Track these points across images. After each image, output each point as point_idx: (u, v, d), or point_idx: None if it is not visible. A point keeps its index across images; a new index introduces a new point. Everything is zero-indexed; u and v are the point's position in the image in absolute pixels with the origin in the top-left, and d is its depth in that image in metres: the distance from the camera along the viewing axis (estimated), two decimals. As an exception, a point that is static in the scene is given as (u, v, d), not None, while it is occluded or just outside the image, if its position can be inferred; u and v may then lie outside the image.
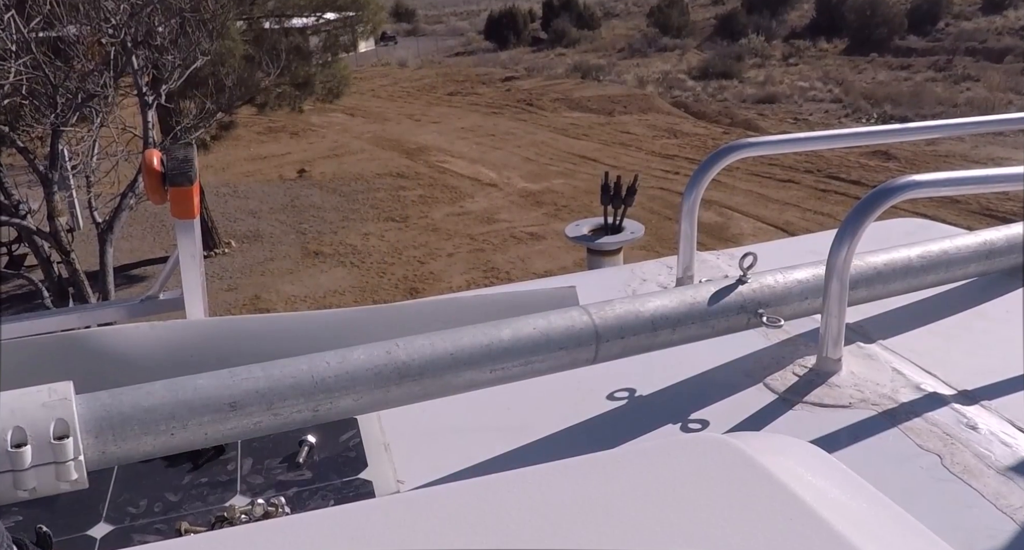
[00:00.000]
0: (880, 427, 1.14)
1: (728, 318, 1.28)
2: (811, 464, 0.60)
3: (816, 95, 22.39)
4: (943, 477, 1.02)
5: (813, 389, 1.23)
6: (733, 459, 0.54)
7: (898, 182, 1.19)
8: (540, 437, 1.17)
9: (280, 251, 12.97)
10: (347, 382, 1.04)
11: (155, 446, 0.98)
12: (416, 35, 48.25)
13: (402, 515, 0.51)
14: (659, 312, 1.23)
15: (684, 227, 1.52)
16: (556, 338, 1.15)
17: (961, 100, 20.25)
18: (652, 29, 35.16)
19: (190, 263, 2.02)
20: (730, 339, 1.32)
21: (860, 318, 1.43)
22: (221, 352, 1.15)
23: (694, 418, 1.19)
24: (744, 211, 13.37)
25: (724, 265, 1.70)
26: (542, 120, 21.64)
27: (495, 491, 0.53)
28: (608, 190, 2.53)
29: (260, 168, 18.11)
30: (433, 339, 1.11)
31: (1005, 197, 11.11)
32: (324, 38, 13.54)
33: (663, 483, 0.51)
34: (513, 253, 12.53)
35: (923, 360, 1.30)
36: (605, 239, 2.48)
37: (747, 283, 1.30)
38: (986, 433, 1.10)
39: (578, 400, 1.25)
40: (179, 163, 1.85)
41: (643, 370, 1.30)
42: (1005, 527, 0.93)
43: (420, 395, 1.10)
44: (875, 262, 1.37)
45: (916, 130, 1.72)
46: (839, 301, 1.20)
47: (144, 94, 7.08)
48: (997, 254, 1.46)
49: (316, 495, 1.09)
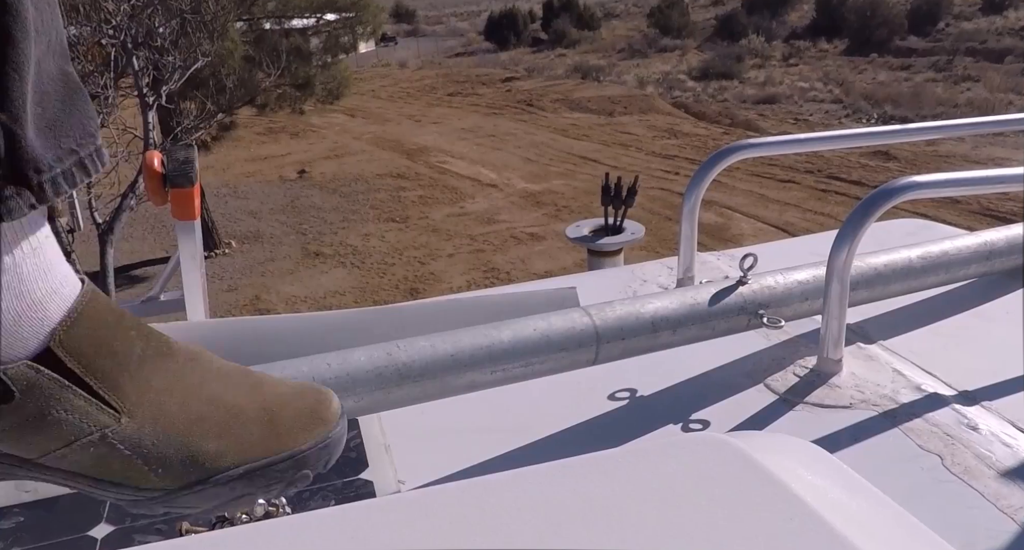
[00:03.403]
0: (881, 428, 1.14)
1: (729, 319, 1.28)
2: (812, 464, 0.60)
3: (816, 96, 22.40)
4: (944, 478, 1.03)
5: (814, 390, 1.23)
6: (734, 458, 0.54)
7: (899, 183, 1.19)
8: (541, 437, 1.17)
9: (280, 252, 12.97)
10: (348, 383, 1.05)
11: (156, 447, 0.98)
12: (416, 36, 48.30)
13: (402, 515, 0.51)
14: (660, 313, 1.23)
15: (684, 228, 1.52)
16: (557, 339, 1.15)
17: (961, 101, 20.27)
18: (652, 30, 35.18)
19: (191, 264, 2.02)
20: (730, 340, 1.32)
21: (861, 319, 1.43)
22: (222, 353, 1.14)
23: (695, 418, 1.19)
24: (744, 212, 13.37)
25: (725, 266, 1.70)
26: (542, 121, 21.65)
27: (495, 491, 0.53)
28: (608, 191, 2.54)
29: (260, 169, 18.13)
30: (434, 340, 1.11)
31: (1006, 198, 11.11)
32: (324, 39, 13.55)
33: (664, 482, 0.52)
34: (513, 254, 12.54)
35: (924, 361, 1.30)
36: (605, 240, 2.49)
37: (747, 284, 1.30)
38: (987, 434, 1.10)
39: (579, 401, 1.25)
40: (180, 164, 1.85)
41: (644, 371, 1.30)
42: (1006, 527, 0.93)
43: (421, 396, 1.11)
44: (875, 263, 1.37)
45: (916, 131, 1.72)
46: (839, 302, 1.20)
47: (144, 95, 7.09)
48: (998, 255, 1.47)
49: (317, 495, 1.09)
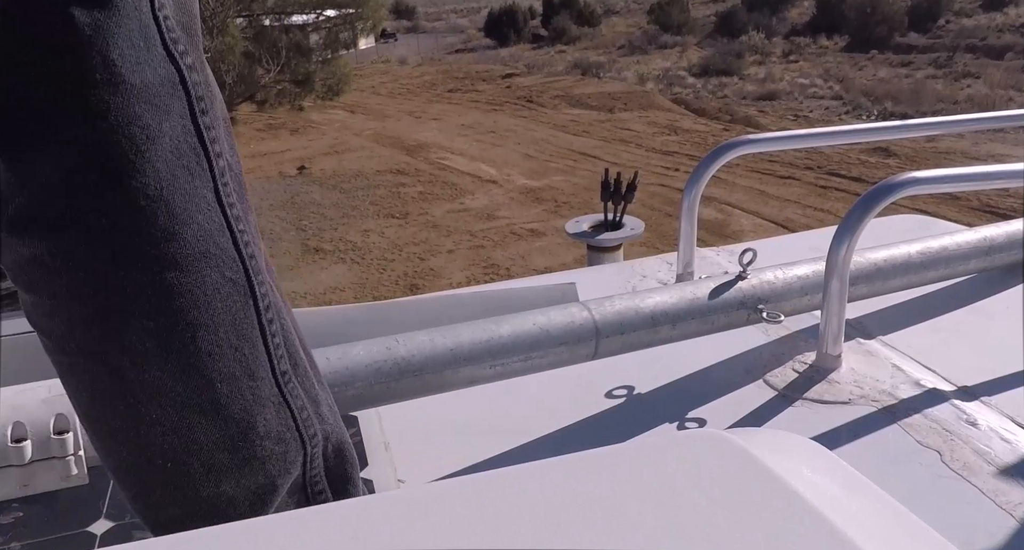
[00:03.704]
0: (880, 423, 1.14)
1: (728, 314, 1.28)
2: (810, 460, 0.60)
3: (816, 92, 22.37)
4: (943, 473, 1.03)
5: (813, 385, 1.23)
6: (732, 455, 0.54)
7: (898, 179, 1.19)
8: (540, 435, 1.17)
9: (280, 248, 12.96)
10: (347, 378, 1.05)
11: (155, 442, 0.98)
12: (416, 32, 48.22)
13: (401, 512, 0.51)
14: (659, 308, 1.23)
15: (684, 223, 1.52)
16: (556, 334, 1.15)
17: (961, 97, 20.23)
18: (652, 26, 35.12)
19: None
20: (729, 336, 1.32)
21: (860, 314, 1.43)
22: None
23: (693, 415, 1.19)
24: (744, 208, 13.36)
25: (724, 261, 1.70)
26: (542, 117, 21.63)
27: (494, 488, 0.53)
28: (608, 187, 2.53)
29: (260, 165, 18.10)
30: (433, 335, 1.11)
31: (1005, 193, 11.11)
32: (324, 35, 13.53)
33: (662, 479, 0.51)
34: (513, 250, 12.52)
35: (923, 356, 1.30)
36: (605, 235, 2.48)
37: (747, 279, 1.30)
38: (986, 429, 1.10)
39: (577, 398, 1.25)
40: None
41: (642, 368, 1.30)
42: (1004, 523, 0.93)
43: (420, 391, 1.10)
44: (875, 258, 1.37)
45: (916, 127, 1.72)
46: (839, 297, 1.20)
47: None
48: (997, 250, 1.46)
49: (316, 491, 1.09)
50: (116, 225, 0.64)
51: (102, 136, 0.62)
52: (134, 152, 0.63)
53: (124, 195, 0.63)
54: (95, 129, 0.62)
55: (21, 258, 0.65)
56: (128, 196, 0.63)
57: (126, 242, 0.64)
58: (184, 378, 0.68)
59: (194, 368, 0.68)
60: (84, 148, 0.62)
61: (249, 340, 0.71)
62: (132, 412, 0.68)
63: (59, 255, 0.64)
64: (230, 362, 0.70)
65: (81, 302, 0.65)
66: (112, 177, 0.63)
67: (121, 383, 0.67)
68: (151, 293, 0.65)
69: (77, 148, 0.62)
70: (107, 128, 0.62)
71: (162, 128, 0.64)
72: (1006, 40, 25.56)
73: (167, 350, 0.67)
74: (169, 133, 0.65)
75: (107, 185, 0.63)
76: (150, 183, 0.64)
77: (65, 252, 0.64)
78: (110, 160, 0.63)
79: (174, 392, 0.68)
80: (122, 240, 0.64)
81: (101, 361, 0.67)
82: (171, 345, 0.67)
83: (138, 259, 0.64)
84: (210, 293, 0.68)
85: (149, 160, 0.64)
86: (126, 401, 0.67)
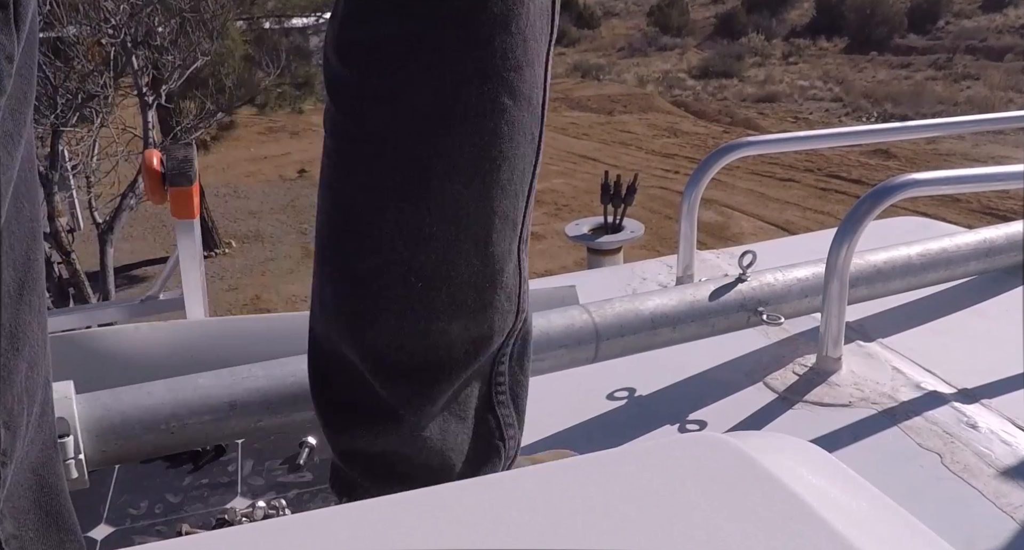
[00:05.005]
0: (880, 426, 1.14)
1: (728, 316, 1.28)
2: (811, 463, 0.60)
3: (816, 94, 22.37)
4: (943, 476, 1.02)
5: (813, 388, 1.23)
6: (732, 458, 0.54)
7: (898, 181, 1.19)
8: (540, 438, 1.17)
9: (281, 251, 12.96)
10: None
11: (155, 445, 0.98)
12: (416, 35, 48.21)
13: (402, 515, 0.51)
14: (659, 310, 1.23)
15: (684, 226, 1.52)
16: (556, 337, 1.15)
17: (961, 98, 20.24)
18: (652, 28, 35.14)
19: (190, 263, 2.02)
20: (729, 338, 1.32)
21: (860, 317, 1.43)
22: (221, 352, 1.14)
23: (694, 418, 1.19)
24: (744, 210, 13.36)
25: (724, 264, 1.70)
26: (542, 119, 21.62)
27: (494, 491, 0.53)
28: (608, 189, 2.53)
29: (260, 168, 18.11)
30: (433, 338, 1.11)
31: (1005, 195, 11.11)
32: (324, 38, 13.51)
33: (662, 482, 0.51)
34: (513, 252, 12.51)
35: (923, 358, 1.30)
36: (605, 238, 2.49)
37: (747, 281, 1.30)
38: (986, 432, 1.10)
39: (577, 400, 1.25)
40: (179, 163, 1.86)
41: (642, 370, 1.30)
42: (1005, 526, 0.93)
43: (420, 395, 1.10)
44: (875, 260, 1.37)
45: (916, 128, 1.72)
46: (839, 299, 1.20)
47: (144, 94, 7.08)
48: (997, 252, 1.46)
49: (317, 497, 1.09)
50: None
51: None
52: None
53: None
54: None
55: (373, 36, 0.66)
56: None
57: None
58: (480, 203, 0.67)
59: (489, 197, 0.68)
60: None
61: (523, 190, 0.72)
62: (410, 219, 0.66)
63: (409, 38, 0.64)
64: (511, 203, 0.70)
65: (418, 93, 0.65)
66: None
67: (418, 186, 0.66)
68: (478, 110, 0.66)
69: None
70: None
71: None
72: (1006, 41, 25.58)
73: (477, 168, 0.66)
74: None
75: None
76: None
77: (416, 36, 0.64)
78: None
79: (464, 212, 0.67)
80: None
81: (411, 157, 0.65)
82: (482, 166, 0.66)
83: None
84: (518, 135, 0.68)
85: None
86: (413, 204, 0.66)
